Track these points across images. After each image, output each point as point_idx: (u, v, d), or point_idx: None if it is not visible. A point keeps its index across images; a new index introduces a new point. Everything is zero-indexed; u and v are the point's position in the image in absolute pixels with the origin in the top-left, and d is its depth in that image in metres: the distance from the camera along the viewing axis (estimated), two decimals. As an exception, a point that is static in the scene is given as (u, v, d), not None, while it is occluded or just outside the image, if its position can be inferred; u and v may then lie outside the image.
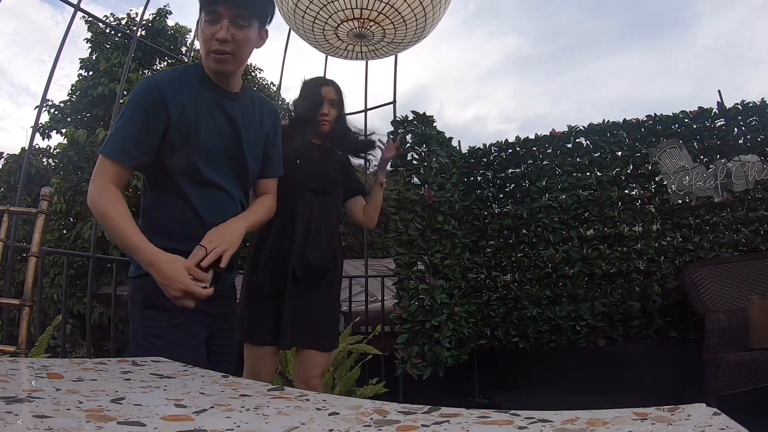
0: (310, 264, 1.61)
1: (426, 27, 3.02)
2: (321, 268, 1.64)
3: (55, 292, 7.55)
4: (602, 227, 3.15)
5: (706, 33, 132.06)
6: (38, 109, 3.06)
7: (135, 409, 0.40)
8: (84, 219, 8.05)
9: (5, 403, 0.38)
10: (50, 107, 9.39)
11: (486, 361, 3.48)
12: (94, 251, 2.69)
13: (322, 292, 1.66)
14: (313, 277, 1.63)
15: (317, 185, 1.69)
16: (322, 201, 1.70)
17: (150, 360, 0.66)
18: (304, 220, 1.64)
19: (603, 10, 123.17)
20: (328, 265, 1.67)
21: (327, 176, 1.73)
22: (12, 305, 1.37)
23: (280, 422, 0.38)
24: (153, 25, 10.20)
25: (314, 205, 1.67)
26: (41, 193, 1.40)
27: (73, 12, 2.69)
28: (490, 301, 3.32)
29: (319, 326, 1.65)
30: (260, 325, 1.60)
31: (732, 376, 2.23)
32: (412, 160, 3.09)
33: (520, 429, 0.35)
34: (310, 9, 2.84)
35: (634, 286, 3.07)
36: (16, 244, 2.39)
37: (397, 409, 0.41)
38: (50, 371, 0.54)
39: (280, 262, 1.61)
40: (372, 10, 2.79)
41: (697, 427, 0.33)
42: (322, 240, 1.65)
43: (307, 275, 1.61)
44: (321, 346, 1.66)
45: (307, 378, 1.64)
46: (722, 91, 3.11)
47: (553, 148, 3.35)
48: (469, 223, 3.40)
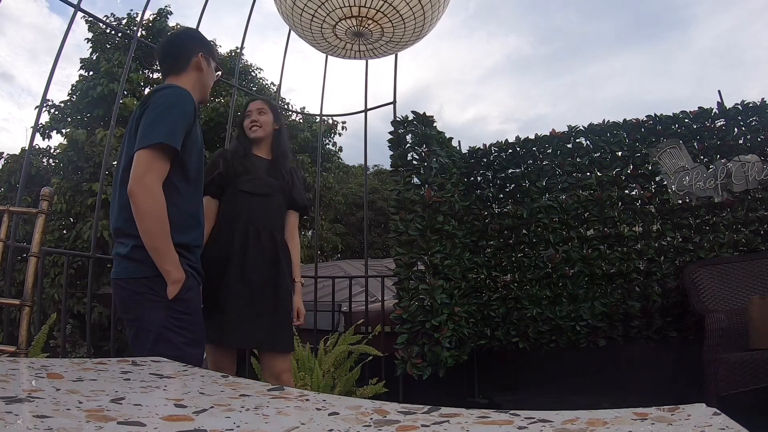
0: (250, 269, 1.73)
1: (425, 26, 3.01)
2: (262, 271, 1.75)
3: (55, 292, 7.55)
4: (602, 227, 3.15)
5: (705, 34, 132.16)
6: (38, 109, 3.06)
7: (135, 409, 0.40)
8: (84, 219, 8.05)
9: (5, 403, 0.38)
10: (50, 107, 9.39)
11: (486, 361, 3.48)
12: (94, 251, 2.69)
13: (271, 291, 1.76)
14: (255, 280, 1.73)
15: (252, 187, 1.82)
16: (259, 203, 1.82)
17: (150, 360, 0.66)
18: (244, 224, 1.77)
19: (602, 12, 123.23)
20: (270, 269, 1.78)
21: (262, 179, 1.85)
22: (12, 305, 1.37)
23: (280, 422, 0.38)
24: (153, 25, 10.20)
25: (255, 208, 1.80)
26: (41, 193, 1.41)
27: (73, 12, 2.69)
28: (490, 301, 3.32)
29: (272, 325, 1.75)
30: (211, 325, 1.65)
31: (732, 376, 2.23)
32: (412, 161, 3.09)
33: (520, 429, 0.34)
34: (308, 7, 2.83)
35: (634, 287, 3.07)
36: (16, 244, 2.39)
37: (397, 409, 0.41)
38: (50, 371, 0.54)
39: (219, 264, 1.71)
40: (370, 8, 2.78)
41: (697, 427, 0.33)
42: (262, 243, 1.78)
43: (248, 277, 1.72)
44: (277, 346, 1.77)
45: (275, 375, 1.75)
46: (721, 92, 3.11)
47: (553, 148, 3.35)
48: (469, 223, 3.40)
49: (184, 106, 1.36)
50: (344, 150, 15.04)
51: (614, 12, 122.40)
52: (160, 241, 1.27)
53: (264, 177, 1.86)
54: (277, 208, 1.89)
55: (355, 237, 13.79)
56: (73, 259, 6.60)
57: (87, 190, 8.04)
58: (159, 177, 1.29)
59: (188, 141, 1.37)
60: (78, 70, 9.71)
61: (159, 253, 1.27)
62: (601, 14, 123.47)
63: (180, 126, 1.33)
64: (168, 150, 1.31)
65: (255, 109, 1.93)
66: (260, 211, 1.82)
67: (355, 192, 13.96)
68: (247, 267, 1.72)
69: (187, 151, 1.37)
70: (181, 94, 1.38)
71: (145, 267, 1.28)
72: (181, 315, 1.29)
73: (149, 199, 1.26)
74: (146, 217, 1.27)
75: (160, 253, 1.27)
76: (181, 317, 1.29)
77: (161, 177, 1.30)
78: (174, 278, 1.28)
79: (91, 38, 9.89)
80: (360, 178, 14.24)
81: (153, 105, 1.34)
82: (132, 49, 3.34)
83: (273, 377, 1.74)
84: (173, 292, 1.27)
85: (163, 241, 1.27)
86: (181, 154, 1.35)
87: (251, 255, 1.74)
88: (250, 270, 1.73)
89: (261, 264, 1.76)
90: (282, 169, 1.92)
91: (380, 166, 15.48)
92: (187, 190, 1.39)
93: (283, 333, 1.78)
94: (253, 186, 1.82)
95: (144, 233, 1.27)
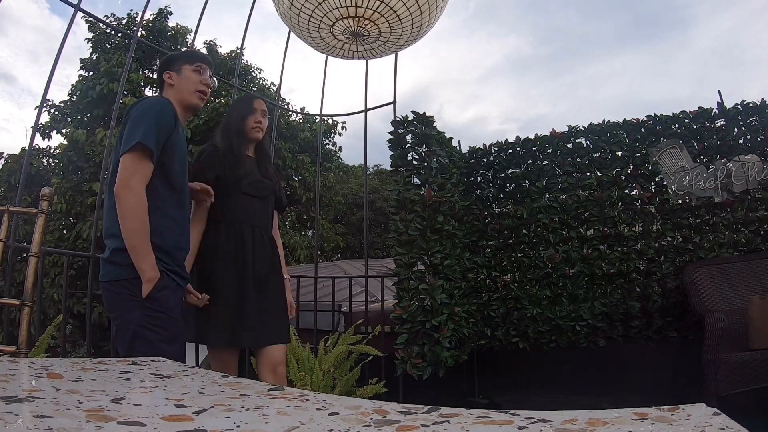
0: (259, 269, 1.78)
1: (422, 26, 3.01)
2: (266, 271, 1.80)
3: (55, 292, 7.55)
4: (602, 227, 3.15)
5: (705, 34, 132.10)
6: (38, 109, 3.06)
7: (135, 409, 0.40)
8: (84, 219, 8.05)
9: (5, 403, 0.38)
10: (50, 107, 9.40)
11: (486, 361, 3.48)
12: (94, 251, 2.69)
13: (272, 290, 1.82)
14: (264, 279, 1.78)
15: (256, 190, 1.84)
16: (261, 206, 1.86)
17: (150, 360, 0.66)
18: (249, 226, 1.80)
19: (602, 12, 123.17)
20: (271, 268, 1.83)
21: (261, 182, 1.87)
22: (12, 305, 1.37)
23: (280, 422, 0.38)
24: (153, 25, 10.21)
25: (257, 210, 1.84)
26: (41, 193, 1.41)
27: (73, 12, 2.69)
28: (490, 301, 3.32)
29: (279, 321, 1.81)
30: (216, 327, 1.70)
31: (732, 376, 2.23)
32: (412, 161, 3.09)
33: (520, 429, 0.34)
34: (305, 7, 2.83)
35: (634, 287, 3.06)
36: (16, 244, 2.39)
37: (397, 409, 0.41)
38: (50, 371, 0.54)
39: (233, 266, 1.75)
40: (367, 9, 2.78)
41: (697, 427, 0.33)
42: (265, 244, 1.83)
43: (259, 278, 1.77)
44: (284, 339, 1.83)
45: (274, 367, 1.78)
46: (721, 92, 3.11)
47: (553, 148, 3.35)
48: (469, 223, 3.40)
49: (160, 111, 1.45)
50: (344, 150, 15.07)
51: (614, 12, 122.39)
52: (138, 239, 1.36)
53: (262, 179, 1.88)
54: (270, 209, 1.94)
55: (355, 237, 13.80)
56: (73, 259, 6.59)
57: (87, 190, 8.05)
58: (143, 179, 1.39)
59: (169, 145, 1.45)
60: (78, 70, 9.72)
61: (137, 252, 1.36)
62: (601, 14, 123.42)
63: (154, 128, 1.40)
64: (147, 151, 1.39)
65: (261, 110, 1.90)
66: (260, 213, 1.85)
67: (355, 192, 13.97)
68: (256, 268, 1.77)
69: (169, 155, 1.45)
70: (156, 102, 1.49)
71: (123, 270, 1.38)
72: (155, 313, 1.36)
73: (132, 200, 1.36)
74: (127, 216, 1.36)
75: (138, 252, 1.36)
76: (155, 315, 1.36)
77: (145, 179, 1.39)
78: (148, 277, 1.35)
79: (91, 38, 9.89)
80: (360, 178, 14.25)
81: (132, 115, 1.46)
82: (132, 49, 3.34)
83: (271, 370, 1.76)
84: (146, 290, 1.35)
85: (141, 240, 1.36)
86: (164, 158, 1.44)
87: (258, 256, 1.78)
88: (259, 270, 1.77)
89: (265, 264, 1.80)
90: (271, 170, 1.94)
91: (380, 166, 15.49)
92: (170, 194, 1.47)
93: (284, 326, 1.85)
94: (255, 189, 1.83)
95: (125, 231, 1.36)
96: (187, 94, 1.61)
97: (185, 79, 1.61)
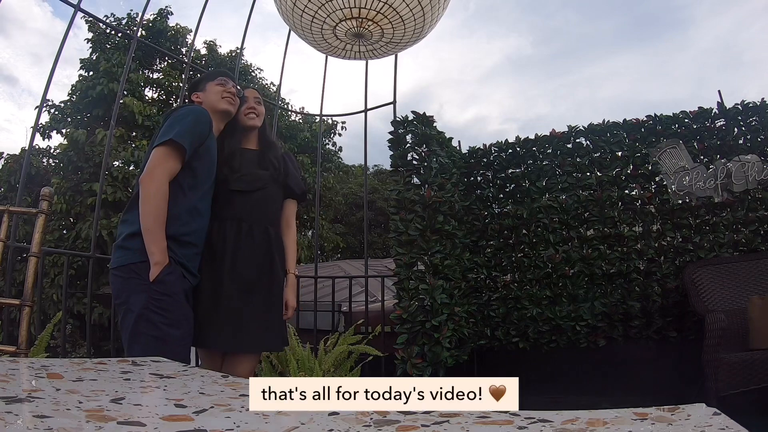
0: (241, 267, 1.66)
1: (425, 27, 3.01)
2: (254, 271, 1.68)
3: (55, 292, 7.55)
4: (602, 227, 3.15)
5: (704, 35, 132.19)
6: (38, 109, 3.06)
7: (135, 409, 0.40)
8: (84, 219, 8.05)
9: (5, 403, 0.38)
10: (50, 107, 9.39)
11: (486, 361, 3.48)
12: (94, 251, 2.69)
13: (258, 296, 1.67)
14: (249, 280, 1.66)
15: (242, 184, 1.75)
16: (259, 198, 1.76)
17: (150, 360, 0.66)
18: (236, 222, 1.71)
19: (602, 12, 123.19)
20: (263, 269, 1.70)
21: (251, 174, 1.77)
22: (12, 305, 1.37)
23: (280, 422, 0.38)
24: (153, 25, 10.21)
25: (252, 204, 1.74)
26: (41, 193, 1.41)
27: (73, 12, 2.69)
28: (490, 301, 3.32)
29: (257, 330, 1.66)
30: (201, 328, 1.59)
31: (732, 376, 2.23)
32: (412, 161, 3.08)
33: (520, 429, 0.35)
34: (309, 8, 2.84)
35: (634, 287, 3.06)
36: (16, 244, 2.39)
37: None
38: (50, 371, 0.54)
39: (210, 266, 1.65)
40: (370, 10, 2.78)
41: (697, 427, 0.33)
42: (254, 239, 1.71)
43: (240, 279, 1.65)
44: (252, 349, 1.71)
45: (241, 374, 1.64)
46: (721, 92, 3.11)
47: (553, 148, 3.35)
48: (469, 223, 3.40)
49: (197, 117, 1.57)
50: (344, 150, 15.07)
51: (613, 12, 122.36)
52: (152, 222, 1.42)
53: (254, 171, 1.78)
54: (271, 201, 1.81)
55: (355, 237, 13.80)
56: (73, 259, 6.60)
57: (87, 190, 8.04)
58: (167, 171, 1.47)
59: (202, 151, 1.56)
60: (78, 70, 9.72)
61: (149, 234, 1.42)
62: (600, 15, 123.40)
63: (190, 130, 1.51)
64: (178, 148, 1.48)
65: (253, 97, 1.89)
66: (253, 207, 1.74)
67: (355, 192, 13.97)
68: (237, 270, 1.65)
69: (200, 160, 1.56)
70: (196, 108, 1.63)
71: (133, 254, 1.44)
72: (161, 296, 1.40)
73: (153, 187, 1.44)
74: (146, 201, 1.44)
75: (151, 234, 1.42)
76: (161, 298, 1.40)
77: (170, 172, 1.48)
78: (156, 260, 1.41)
79: (91, 38, 9.89)
80: (360, 178, 14.24)
81: (173, 116, 1.58)
82: (132, 49, 3.34)
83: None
84: (154, 273, 1.40)
85: (156, 223, 1.42)
86: (192, 160, 1.53)
87: (242, 256, 1.67)
88: (242, 268, 1.66)
89: (253, 262, 1.69)
90: (272, 157, 1.83)
91: (380, 166, 15.48)
92: (192, 192, 1.55)
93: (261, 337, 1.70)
94: (244, 183, 1.74)
95: (142, 215, 1.43)
96: (215, 103, 1.73)
97: (210, 92, 1.74)
